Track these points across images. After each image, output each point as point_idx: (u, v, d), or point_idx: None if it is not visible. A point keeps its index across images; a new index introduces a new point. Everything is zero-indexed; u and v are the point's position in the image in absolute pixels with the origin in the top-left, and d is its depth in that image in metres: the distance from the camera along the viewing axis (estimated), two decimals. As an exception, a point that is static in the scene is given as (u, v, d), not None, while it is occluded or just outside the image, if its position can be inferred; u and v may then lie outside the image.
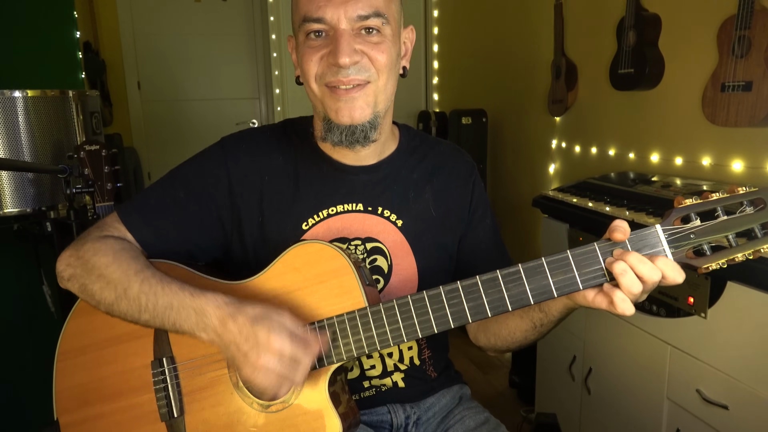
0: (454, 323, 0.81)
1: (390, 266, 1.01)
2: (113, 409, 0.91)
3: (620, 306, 0.74)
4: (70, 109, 1.80)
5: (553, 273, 0.77)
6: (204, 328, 0.82)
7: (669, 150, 1.98)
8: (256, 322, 0.79)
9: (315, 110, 0.99)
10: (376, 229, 1.01)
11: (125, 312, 0.88)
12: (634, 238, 0.75)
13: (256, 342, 0.78)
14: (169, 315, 0.85)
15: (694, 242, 0.74)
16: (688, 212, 0.74)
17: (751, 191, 0.74)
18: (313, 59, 0.91)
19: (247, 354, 0.79)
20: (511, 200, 3.19)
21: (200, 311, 0.83)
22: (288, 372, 0.79)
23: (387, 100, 0.96)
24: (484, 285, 0.79)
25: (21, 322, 2.11)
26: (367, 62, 0.91)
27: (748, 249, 0.73)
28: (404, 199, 1.03)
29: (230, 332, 0.80)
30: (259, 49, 4.37)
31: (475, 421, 1.05)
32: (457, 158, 1.11)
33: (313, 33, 0.91)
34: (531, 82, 2.84)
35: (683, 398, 1.46)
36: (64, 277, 0.93)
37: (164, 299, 0.85)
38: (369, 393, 1.03)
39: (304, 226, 0.99)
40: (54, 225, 1.77)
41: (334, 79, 0.90)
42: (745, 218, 0.73)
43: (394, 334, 0.82)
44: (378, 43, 0.91)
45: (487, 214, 1.11)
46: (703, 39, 1.74)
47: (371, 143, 0.96)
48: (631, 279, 0.73)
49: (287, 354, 0.78)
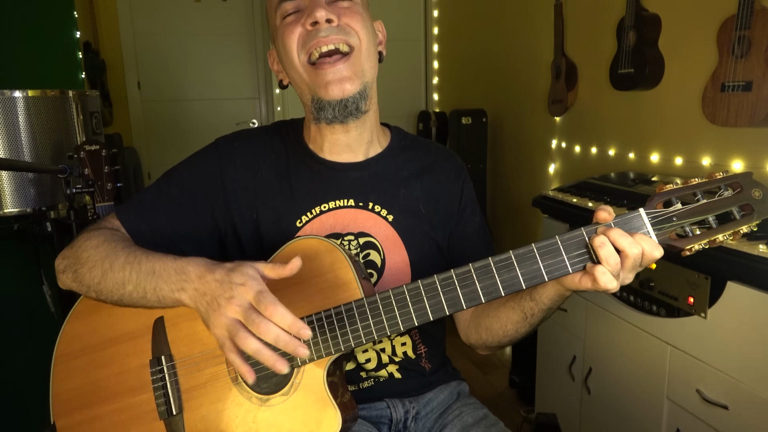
0: (449, 310, 0.81)
1: (383, 260, 1.02)
2: (111, 410, 0.91)
3: (601, 279, 0.75)
4: (70, 109, 1.80)
5: (543, 257, 0.78)
6: (183, 287, 0.82)
7: (669, 150, 1.98)
8: (232, 271, 0.78)
9: (303, 100, 1.01)
10: (368, 224, 1.03)
11: (111, 287, 0.88)
12: (619, 222, 0.77)
13: (229, 287, 0.77)
14: (150, 281, 0.85)
15: (676, 224, 0.77)
16: (669, 197, 0.77)
17: (728, 176, 0.77)
18: (294, 31, 0.94)
19: (218, 298, 0.77)
20: (511, 200, 3.19)
21: (180, 270, 0.83)
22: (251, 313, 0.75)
23: (372, 68, 0.98)
24: (477, 272, 0.80)
25: (21, 322, 2.11)
26: (344, 24, 0.94)
27: (728, 230, 0.76)
28: (394, 195, 1.05)
29: (206, 282, 0.79)
30: (259, 49, 4.37)
31: (473, 417, 1.05)
32: (447, 159, 1.13)
33: (288, 14, 0.95)
34: (531, 82, 2.84)
35: (683, 398, 1.46)
36: (60, 269, 0.94)
37: (147, 265, 0.86)
38: (368, 384, 1.04)
39: (298, 223, 1.01)
40: (54, 225, 1.77)
41: (314, 41, 0.92)
42: (723, 201, 0.77)
43: (391, 323, 0.83)
44: (349, 7, 0.95)
45: (476, 213, 1.13)
46: (703, 39, 1.74)
47: (363, 114, 0.97)
48: (608, 251, 0.74)
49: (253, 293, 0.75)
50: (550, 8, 2.50)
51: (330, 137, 1.01)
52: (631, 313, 1.63)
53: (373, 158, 1.05)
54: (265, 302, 0.73)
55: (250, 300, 0.75)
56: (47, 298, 1.91)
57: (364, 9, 0.98)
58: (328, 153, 1.03)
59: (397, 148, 1.09)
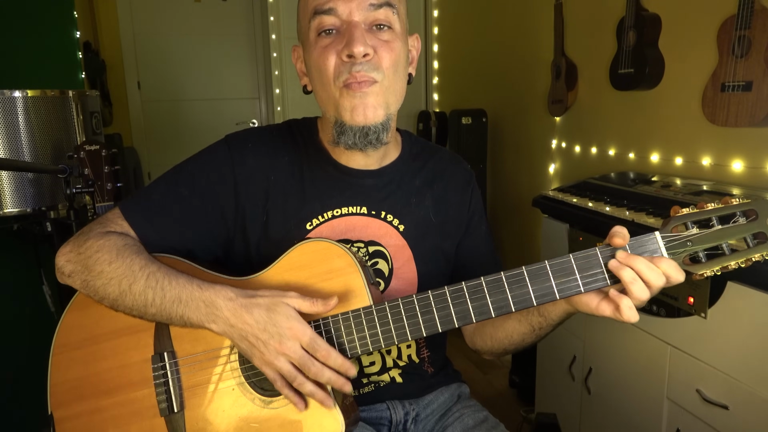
0: (458, 323, 0.81)
1: (391, 270, 1.02)
2: (110, 403, 0.91)
3: (627, 313, 0.76)
4: (70, 109, 1.80)
5: (556, 275, 0.78)
6: (214, 319, 0.84)
7: (669, 150, 1.98)
8: (271, 311, 0.81)
9: (325, 116, 0.97)
10: (379, 233, 1.02)
11: (131, 307, 0.88)
12: (633, 244, 0.78)
13: (276, 330, 0.80)
14: (177, 308, 0.85)
15: (690, 249, 0.78)
16: (685, 221, 0.78)
17: (743, 203, 0.78)
18: (330, 58, 0.89)
19: (266, 342, 0.81)
20: (511, 200, 3.19)
21: (210, 303, 0.84)
22: (307, 359, 0.81)
23: (397, 102, 0.95)
24: (489, 286, 0.80)
25: (21, 322, 2.11)
26: (377, 60, 0.90)
27: (741, 258, 0.78)
28: (406, 205, 1.04)
29: (246, 323, 0.81)
30: (259, 49, 4.37)
31: (473, 419, 1.05)
32: (456, 166, 1.12)
33: (324, 31, 0.90)
34: (531, 82, 2.84)
35: (683, 398, 1.46)
36: (65, 273, 0.93)
37: (172, 293, 0.86)
38: (368, 389, 1.03)
39: (308, 226, 0.99)
40: (54, 225, 1.77)
41: (348, 76, 0.88)
42: (737, 228, 0.78)
43: (399, 332, 0.83)
44: (388, 41, 0.91)
45: (483, 221, 1.12)
46: (703, 39, 1.74)
47: (382, 146, 0.95)
48: (640, 287, 0.75)
49: (307, 339, 0.81)
50: (550, 8, 2.50)
51: (347, 152, 0.99)
52: (631, 313, 1.63)
53: (387, 166, 1.04)
54: (320, 350, 0.81)
55: (303, 345, 0.81)
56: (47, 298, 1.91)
57: (402, 38, 0.94)
58: (345, 159, 1.01)
59: (409, 156, 1.08)
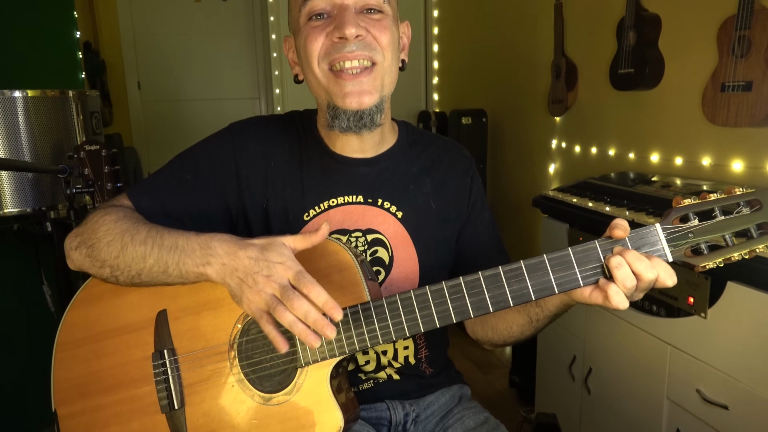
0: (456, 318, 0.81)
1: (391, 258, 1.02)
2: (112, 400, 0.91)
3: (614, 299, 0.75)
4: (70, 109, 1.80)
5: (554, 269, 0.78)
6: (209, 260, 0.83)
7: (669, 150, 1.98)
8: (265, 249, 0.80)
9: (318, 101, 0.99)
10: (377, 221, 1.02)
11: (130, 261, 0.88)
12: (634, 236, 0.77)
13: (266, 264, 0.79)
14: (173, 255, 0.86)
15: (692, 241, 0.76)
16: (686, 212, 0.76)
17: (747, 192, 0.76)
18: (318, 38, 0.91)
19: (255, 276, 0.79)
20: (511, 200, 3.19)
21: (205, 245, 0.84)
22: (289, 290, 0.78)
23: (392, 82, 0.97)
24: (486, 281, 0.79)
25: (21, 322, 2.11)
26: (371, 40, 0.91)
27: (744, 249, 0.75)
28: (404, 192, 1.04)
29: (238, 259, 0.81)
30: (259, 49, 4.37)
31: (474, 421, 1.05)
32: (456, 153, 1.12)
33: (315, 16, 0.91)
34: (531, 82, 2.84)
35: (683, 398, 1.46)
36: (72, 246, 0.93)
37: (169, 240, 0.87)
38: (367, 385, 1.04)
39: (306, 217, 1.00)
40: (54, 225, 1.77)
41: (339, 55, 0.89)
42: (741, 218, 0.75)
43: (396, 328, 0.82)
44: (380, 20, 0.92)
45: (485, 209, 1.12)
46: (703, 39, 1.74)
47: (377, 127, 0.96)
48: (625, 272, 0.74)
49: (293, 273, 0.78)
50: (550, 8, 2.50)
51: (342, 137, 1.01)
52: (631, 313, 1.63)
53: (383, 154, 1.05)
54: (304, 281, 0.77)
55: (290, 278, 0.78)
56: (47, 298, 1.91)
57: (394, 21, 0.95)
58: (340, 147, 1.03)
59: (405, 144, 1.08)
